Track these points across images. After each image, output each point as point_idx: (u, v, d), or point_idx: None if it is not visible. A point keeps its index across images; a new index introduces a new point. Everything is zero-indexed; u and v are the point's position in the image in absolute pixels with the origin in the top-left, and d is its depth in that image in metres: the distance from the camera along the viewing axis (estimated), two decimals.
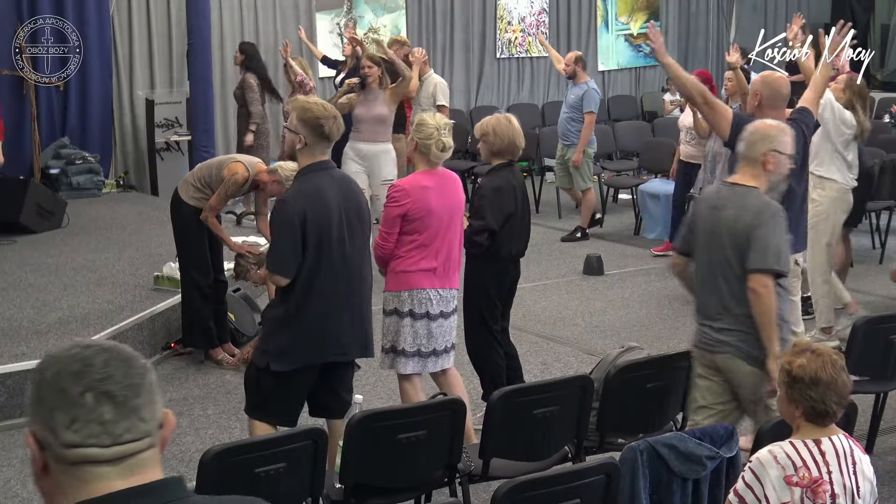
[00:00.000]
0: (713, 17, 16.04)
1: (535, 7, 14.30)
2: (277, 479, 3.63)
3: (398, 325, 4.96)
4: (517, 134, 5.33)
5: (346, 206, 4.38)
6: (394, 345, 4.99)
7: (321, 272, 4.30)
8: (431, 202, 4.88)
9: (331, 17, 12.72)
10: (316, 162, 4.38)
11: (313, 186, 4.34)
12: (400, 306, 4.95)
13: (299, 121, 4.33)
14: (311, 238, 4.26)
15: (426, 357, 4.99)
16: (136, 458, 1.51)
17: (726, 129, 5.03)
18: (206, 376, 6.52)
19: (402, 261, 4.91)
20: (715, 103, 5.09)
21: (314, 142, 4.33)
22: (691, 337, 4.42)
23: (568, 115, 10.07)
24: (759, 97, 5.20)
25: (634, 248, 9.92)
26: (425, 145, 4.91)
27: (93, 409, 1.49)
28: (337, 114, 4.40)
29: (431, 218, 4.88)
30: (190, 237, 6.52)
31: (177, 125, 11.35)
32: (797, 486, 2.95)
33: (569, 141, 10.10)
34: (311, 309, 4.32)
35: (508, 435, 4.17)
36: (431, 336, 4.96)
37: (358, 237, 4.43)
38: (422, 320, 4.93)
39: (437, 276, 4.94)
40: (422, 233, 4.88)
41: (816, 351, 3.04)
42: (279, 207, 4.40)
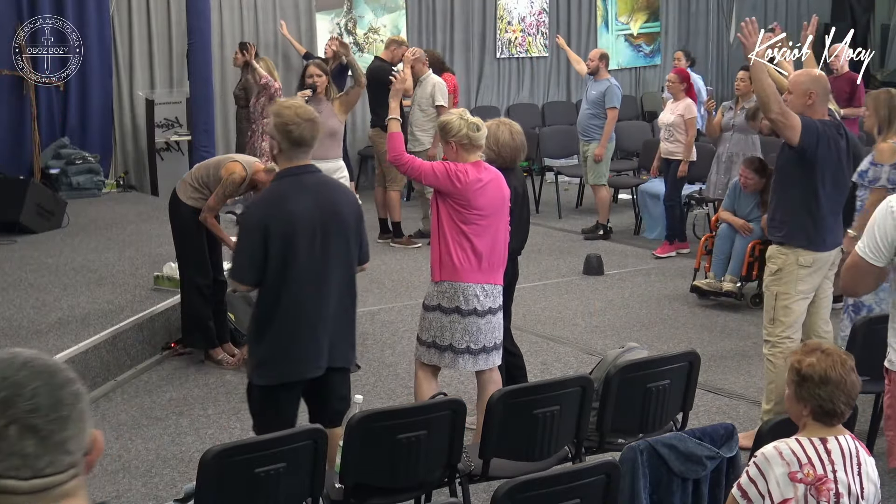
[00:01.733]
0: (713, 17, 16.04)
1: (535, 7, 14.30)
2: (277, 479, 3.63)
3: (443, 321, 4.94)
4: (520, 150, 5.36)
5: (320, 213, 4.23)
6: (438, 340, 4.97)
7: (288, 282, 4.20)
8: (482, 196, 4.88)
9: (331, 17, 12.72)
10: (290, 167, 4.29)
11: (279, 193, 4.26)
12: (444, 302, 4.94)
13: (273, 126, 4.28)
14: (274, 246, 4.16)
15: (477, 354, 4.99)
16: (57, 490, 1.48)
17: (797, 134, 5.06)
18: (206, 376, 6.52)
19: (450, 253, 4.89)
20: (788, 112, 5.07)
21: (287, 147, 4.25)
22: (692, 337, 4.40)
23: (590, 112, 10.13)
24: (814, 96, 5.19)
25: (634, 248, 9.92)
26: (464, 136, 4.88)
27: (15, 443, 1.44)
28: (313, 117, 4.28)
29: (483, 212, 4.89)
30: (189, 237, 6.52)
31: (177, 125, 11.35)
32: (801, 483, 2.95)
33: (589, 137, 10.16)
34: (281, 320, 4.24)
35: (508, 435, 4.17)
36: (481, 332, 4.96)
37: (334, 245, 4.27)
38: (470, 317, 4.93)
39: (483, 271, 4.94)
40: (468, 225, 4.88)
41: (826, 350, 3.05)
42: (243, 214, 4.39)
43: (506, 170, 5.39)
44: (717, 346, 7.05)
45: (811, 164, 5.16)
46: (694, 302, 8.09)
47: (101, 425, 5.77)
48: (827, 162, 5.15)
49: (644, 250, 9.74)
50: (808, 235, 5.26)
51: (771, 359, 5.34)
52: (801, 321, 5.36)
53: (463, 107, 13.39)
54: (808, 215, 5.24)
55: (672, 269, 9.08)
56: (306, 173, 4.31)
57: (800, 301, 5.30)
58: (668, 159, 9.44)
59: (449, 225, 4.90)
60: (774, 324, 5.34)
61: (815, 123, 5.12)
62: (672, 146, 9.38)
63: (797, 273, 5.26)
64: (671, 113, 9.39)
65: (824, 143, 5.12)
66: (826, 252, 5.29)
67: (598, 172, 10.20)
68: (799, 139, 5.07)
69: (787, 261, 5.27)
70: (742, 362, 6.73)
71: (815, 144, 5.10)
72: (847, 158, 5.28)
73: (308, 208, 4.21)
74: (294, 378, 4.31)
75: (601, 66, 10.17)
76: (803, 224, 5.26)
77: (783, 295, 5.29)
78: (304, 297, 4.23)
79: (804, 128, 5.06)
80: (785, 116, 5.06)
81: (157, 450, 5.45)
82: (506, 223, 5.05)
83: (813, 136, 5.09)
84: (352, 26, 12.89)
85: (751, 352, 6.84)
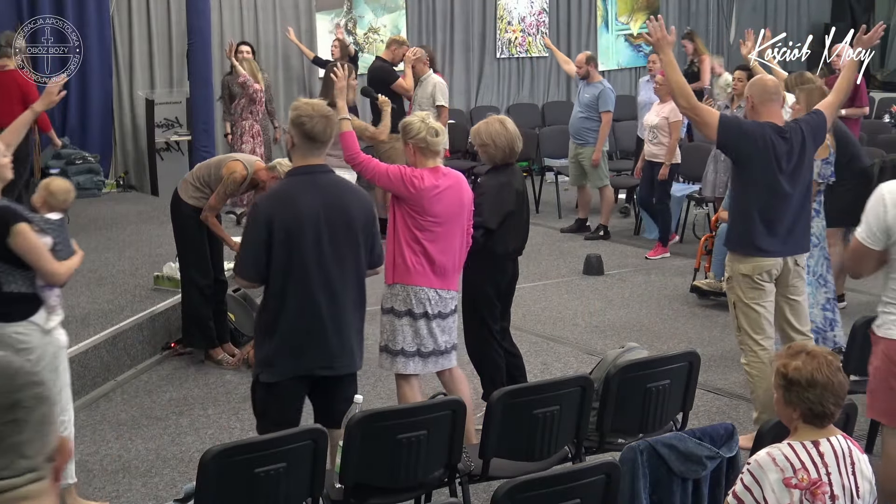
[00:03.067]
0: (713, 17, 16.03)
1: (535, 7, 14.30)
2: (277, 479, 3.63)
3: (395, 325, 4.93)
4: (515, 139, 5.34)
5: (328, 213, 4.22)
6: (390, 344, 4.96)
7: (294, 279, 4.20)
8: (437, 203, 4.83)
9: (331, 17, 12.72)
10: (302, 165, 4.29)
11: (288, 191, 4.26)
12: (397, 305, 4.92)
13: (290, 119, 4.29)
14: (279, 243, 4.16)
15: (426, 357, 4.97)
16: (12, 493, 1.45)
17: (713, 132, 5.02)
18: (206, 376, 6.52)
19: (403, 255, 4.86)
20: (698, 107, 5.06)
21: (301, 142, 4.25)
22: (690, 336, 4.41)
23: (583, 115, 10.11)
24: (751, 100, 5.20)
25: (634, 248, 9.92)
26: (419, 140, 4.87)
27: None
28: (329, 114, 4.28)
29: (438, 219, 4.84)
30: (190, 237, 6.53)
31: (177, 125, 11.35)
32: (796, 489, 2.95)
33: (582, 140, 10.14)
34: (287, 318, 4.24)
35: (508, 435, 4.17)
36: (432, 335, 4.94)
37: (342, 246, 4.26)
38: (421, 320, 4.91)
39: (437, 276, 4.91)
40: (421, 231, 4.85)
41: (812, 352, 3.03)
42: (250, 210, 4.38)
43: (507, 166, 5.41)
44: (717, 346, 7.05)
45: (736, 162, 5.14)
46: (694, 302, 8.09)
47: (101, 425, 5.77)
48: (753, 160, 5.02)
49: (644, 250, 9.74)
50: (741, 241, 5.18)
51: (747, 369, 5.28)
52: (768, 328, 5.24)
53: (463, 107, 13.51)
54: (741, 220, 5.16)
55: (672, 269, 9.09)
56: (319, 173, 4.30)
57: (756, 308, 5.18)
58: (652, 161, 9.43)
59: (403, 229, 4.86)
60: (740, 332, 5.28)
61: (738, 122, 5.08)
62: (655, 148, 9.39)
63: (742, 281, 5.17)
64: (656, 115, 9.39)
65: (749, 140, 5.01)
66: (767, 259, 5.13)
67: (598, 175, 10.20)
68: (716, 136, 5.02)
69: (732, 268, 5.21)
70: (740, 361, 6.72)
71: (734, 141, 5.03)
72: (789, 162, 5.08)
73: (316, 207, 4.20)
74: (300, 373, 4.30)
75: (590, 70, 10.14)
76: (737, 229, 5.20)
77: (738, 303, 5.22)
78: (309, 295, 4.23)
79: (722, 125, 5.00)
80: (695, 112, 5.04)
81: (157, 450, 5.45)
82: (462, 230, 4.98)
83: (732, 134, 5.01)
84: (352, 26, 12.89)
85: None
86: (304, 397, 4.45)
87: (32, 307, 4.40)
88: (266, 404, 4.38)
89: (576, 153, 10.23)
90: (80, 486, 5.05)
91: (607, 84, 10.30)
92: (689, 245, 9.70)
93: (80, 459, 5.33)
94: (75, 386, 6.00)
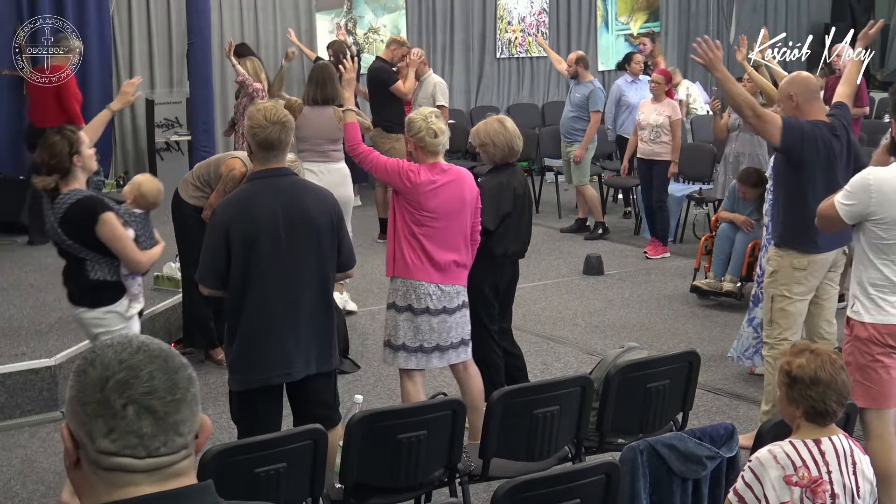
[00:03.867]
0: (713, 17, 16.03)
1: (535, 7, 14.30)
2: (277, 479, 3.63)
3: (397, 320, 4.93)
4: (514, 137, 5.35)
5: (288, 216, 4.17)
6: (392, 339, 4.95)
7: (252, 284, 4.17)
8: (433, 198, 4.84)
9: (331, 17, 12.72)
10: (262, 170, 4.27)
11: (247, 196, 4.24)
12: (398, 300, 4.92)
13: (244, 128, 4.30)
14: (236, 248, 4.13)
15: (429, 352, 4.96)
16: (169, 469, 1.53)
17: (777, 135, 5.03)
18: (206, 376, 6.52)
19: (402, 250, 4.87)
20: (764, 114, 5.08)
21: (257, 149, 4.23)
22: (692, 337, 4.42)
23: (573, 115, 10.14)
24: (795, 98, 5.18)
25: (634, 248, 9.92)
26: (419, 139, 4.88)
27: (132, 423, 1.50)
28: (282, 120, 4.21)
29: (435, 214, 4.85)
30: (191, 237, 6.52)
31: (177, 125, 11.35)
32: (797, 486, 2.95)
33: (571, 139, 10.19)
34: (246, 325, 4.21)
35: (508, 435, 4.17)
36: (434, 331, 4.93)
37: (303, 248, 4.21)
38: (422, 315, 4.90)
39: (438, 271, 4.90)
40: (419, 226, 4.85)
41: (815, 351, 3.04)
42: (211, 215, 4.37)
43: (507, 167, 5.41)
44: (717, 346, 7.05)
45: (798, 165, 5.11)
46: (694, 302, 8.09)
47: None
48: (815, 163, 5.07)
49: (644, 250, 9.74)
50: (798, 237, 5.20)
51: (770, 360, 5.32)
52: (799, 323, 5.32)
53: (463, 107, 13.51)
54: (798, 217, 5.17)
55: (672, 269, 9.09)
56: (278, 176, 4.25)
57: (797, 303, 5.26)
58: (652, 160, 9.40)
59: (402, 223, 4.88)
60: (772, 326, 5.31)
61: (799, 124, 5.07)
62: (657, 147, 9.35)
63: (792, 275, 5.21)
64: (658, 114, 9.36)
65: (811, 144, 5.05)
66: (821, 254, 5.22)
67: (580, 173, 10.20)
68: (780, 139, 5.04)
69: (782, 263, 5.24)
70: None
71: (799, 145, 5.04)
72: (842, 160, 5.18)
73: (274, 211, 4.16)
74: (259, 384, 4.25)
75: (580, 69, 10.14)
76: (794, 226, 5.21)
77: (779, 297, 5.25)
78: (269, 300, 4.19)
79: (785, 128, 5.02)
80: (760, 118, 5.05)
81: None
82: (463, 226, 4.96)
83: (796, 136, 5.03)
84: (352, 26, 12.89)
85: None
86: (279, 403, 4.39)
87: (116, 294, 4.71)
88: (240, 412, 4.35)
89: (567, 152, 10.24)
90: None
91: (598, 84, 10.33)
92: (689, 245, 9.70)
93: None
94: None
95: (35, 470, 5.23)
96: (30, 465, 5.29)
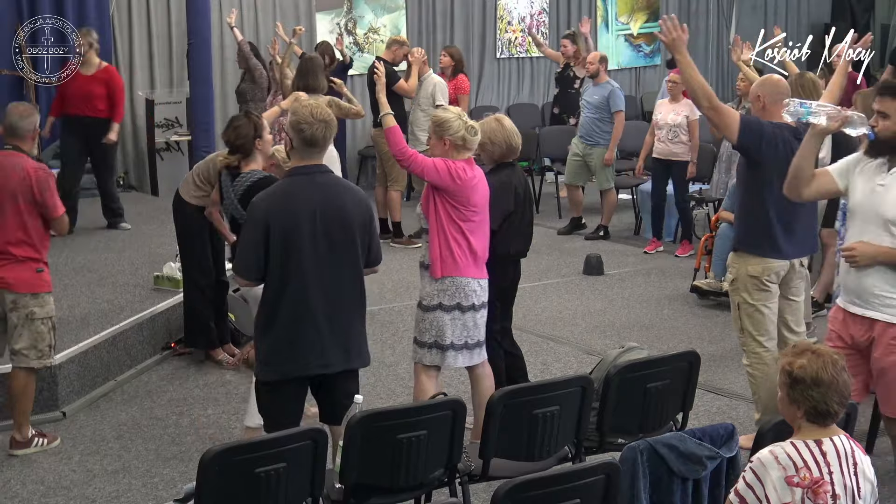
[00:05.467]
0: (713, 17, 16.03)
1: (535, 7, 14.30)
2: (277, 479, 3.63)
3: (444, 319, 4.98)
4: (512, 135, 5.38)
5: (326, 213, 4.25)
6: (439, 339, 5.00)
7: (291, 278, 4.24)
8: (476, 193, 4.99)
9: (331, 17, 12.72)
10: (300, 166, 4.34)
11: (286, 190, 4.31)
12: (445, 300, 4.98)
13: (288, 124, 4.34)
14: (276, 242, 4.20)
15: (472, 349, 5.07)
16: None
17: (734, 132, 4.94)
18: (206, 376, 6.53)
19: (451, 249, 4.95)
20: (720, 107, 4.98)
21: (299, 145, 4.31)
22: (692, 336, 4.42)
23: (595, 117, 10.03)
24: (762, 100, 5.16)
25: (634, 248, 9.92)
26: (460, 137, 4.95)
27: None
28: (328, 118, 4.31)
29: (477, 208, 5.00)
30: (192, 237, 6.53)
31: (177, 125, 11.35)
32: (798, 487, 2.95)
33: (593, 141, 10.08)
34: (284, 317, 4.27)
35: (508, 435, 4.17)
36: (477, 326, 5.05)
37: (339, 245, 4.29)
38: (469, 312, 5.00)
39: (478, 266, 5.04)
40: (465, 222, 4.96)
41: (817, 351, 3.04)
42: (248, 208, 4.41)
43: (507, 165, 5.42)
44: (717, 346, 7.05)
45: (756, 167, 5.04)
46: (694, 302, 8.09)
47: (101, 425, 5.77)
48: (773, 164, 4.92)
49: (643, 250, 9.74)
50: (753, 242, 5.13)
51: (749, 370, 5.26)
52: (771, 329, 5.22)
53: (462, 107, 13.48)
54: (754, 220, 5.10)
55: (672, 269, 9.08)
56: (317, 173, 4.35)
57: (761, 309, 5.16)
58: (669, 160, 9.38)
59: (448, 222, 4.95)
60: (743, 333, 5.25)
61: (759, 123, 5.01)
62: (675, 147, 9.33)
63: (749, 282, 5.13)
64: (676, 114, 9.32)
65: (770, 145, 4.96)
66: (777, 260, 5.12)
67: (605, 176, 10.16)
68: (738, 136, 4.95)
69: (739, 270, 5.16)
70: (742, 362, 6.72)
71: (757, 144, 4.97)
72: None
73: (313, 206, 4.25)
74: (296, 374, 4.33)
75: (601, 69, 10.11)
76: (750, 230, 5.14)
77: (743, 304, 5.19)
78: (307, 294, 4.26)
79: (743, 125, 4.94)
80: (717, 111, 4.94)
81: (157, 450, 5.45)
82: (488, 219, 5.16)
83: (754, 135, 4.96)
84: (352, 26, 12.89)
85: None
86: (304, 396, 4.47)
87: None
88: (269, 403, 4.41)
89: (586, 154, 10.14)
90: (80, 486, 5.05)
91: (615, 84, 10.27)
92: None
93: (79, 459, 5.34)
94: (75, 386, 6.01)
95: (35, 470, 5.23)
96: (30, 465, 5.29)
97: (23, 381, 5.33)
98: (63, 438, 5.55)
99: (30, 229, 5.27)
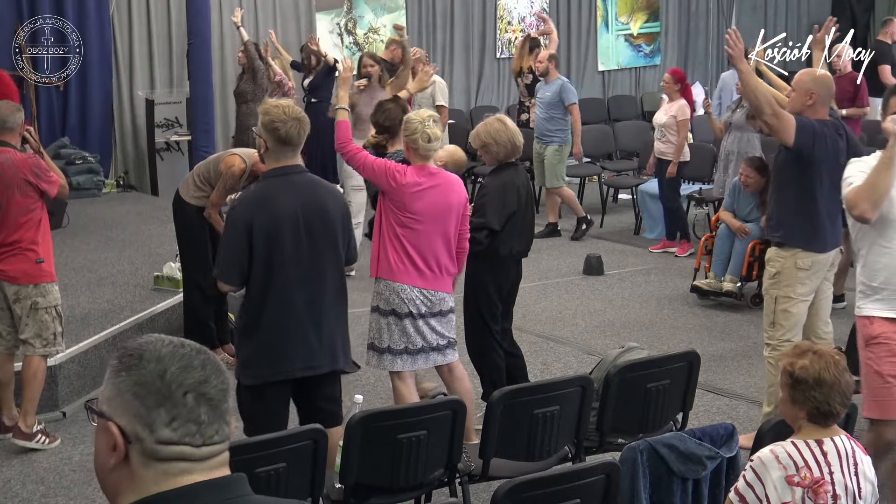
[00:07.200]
0: (713, 17, 16.03)
1: (535, 7, 14.30)
2: (277, 479, 3.63)
3: (381, 323, 4.93)
4: (515, 134, 5.37)
5: (307, 213, 4.23)
6: (376, 342, 4.95)
7: (274, 281, 4.21)
8: (418, 200, 4.84)
9: (331, 17, 12.72)
10: (277, 167, 4.28)
11: (265, 193, 4.27)
12: (381, 304, 4.91)
13: (261, 124, 4.28)
14: (259, 245, 4.17)
15: (415, 354, 4.95)
16: (218, 458, 1.57)
17: (791, 135, 5.01)
18: None
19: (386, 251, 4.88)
20: (781, 114, 5.04)
21: (274, 145, 4.25)
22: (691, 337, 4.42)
23: (547, 115, 9.99)
24: (815, 96, 5.17)
25: (634, 248, 9.92)
26: (412, 140, 4.89)
27: (192, 410, 1.52)
28: (300, 116, 4.27)
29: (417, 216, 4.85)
30: (192, 237, 6.53)
31: (177, 125, 11.35)
32: (798, 487, 2.95)
33: (545, 140, 10.02)
34: (268, 320, 4.24)
35: (508, 435, 4.17)
36: (420, 333, 4.92)
37: (321, 245, 4.27)
38: (406, 319, 4.89)
39: (421, 276, 4.89)
40: (401, 227, 4.85)
41: (818, 352, 3.04)
42: (228, 213, 4.37)
43: (510, 165, 5.41)
44: (717, 346, 7.05)
45: (808, 165, 5.12)
46: (694, 302, 8.09)
47: None
48: (824, 162, 5.08)
49: (644, 250, 9.74)
50: (805, 237, 5.21)
51: (772, 362, 5.30)
52: (801, 323, 5.31)
53: (463, 107, 13.50)
54: (805, 216, 5.19)
55: (672, 269, 9.08)
56: (294, 173, 4.30)
57: (800, 304, 5.25)
58: (661, 159, 9.44)
59: (387, 224, 4.90)
60: (775, 327, 5.29)
61: (811, 123, 5.07)
62: (664, 146, 9.39)
63: (796, 276, 5.21)
64: (664, 114, 9.40)
65: (821, 143, 5.07)
66: (824, 254, 5.24)
67: (555, 174, 10.04)
68: (794, 139, 5.02)
69: (786, 264, 5.23)
70: (742, 362, 6.73)
71: (811, 144, 5.05)
72: (846, 159, 5.21)
73: (294, 208, 4.21)
74: (282, 377, 4.30)
75: (551, 67, 10.04)
76: (800, 225, 5.22)
77: (783, 298, 5.25)
78: (290, 297, 4.23)
79: (799, 127, 5.02)
80: (778, 118, 5.01)
81: None
82: (446, 232, 4.94)
83: (809, 135, 5.04)
84: (352, 26, 12.89)
85: (751, 352, 6.84)
86: (288, 398, 4.44)
87: None
88: (251, 408, 4.35)
89: (540, 152, 10.07)
90: (80, 486, 5.05)
91: (565, 79, 10.26)
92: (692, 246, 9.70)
93: (79, 459, 5.34)
94: (75, 386, 6.01)
95: (35, 470, 5.23)
96: (30, 465, 5.29)
97: (33, 367, 5.41)
98: (63, 438, 5.54)
99: (28, 222, 5.31)
